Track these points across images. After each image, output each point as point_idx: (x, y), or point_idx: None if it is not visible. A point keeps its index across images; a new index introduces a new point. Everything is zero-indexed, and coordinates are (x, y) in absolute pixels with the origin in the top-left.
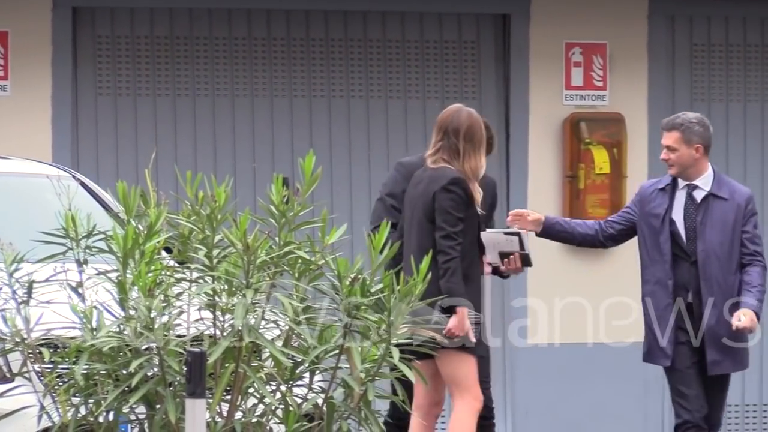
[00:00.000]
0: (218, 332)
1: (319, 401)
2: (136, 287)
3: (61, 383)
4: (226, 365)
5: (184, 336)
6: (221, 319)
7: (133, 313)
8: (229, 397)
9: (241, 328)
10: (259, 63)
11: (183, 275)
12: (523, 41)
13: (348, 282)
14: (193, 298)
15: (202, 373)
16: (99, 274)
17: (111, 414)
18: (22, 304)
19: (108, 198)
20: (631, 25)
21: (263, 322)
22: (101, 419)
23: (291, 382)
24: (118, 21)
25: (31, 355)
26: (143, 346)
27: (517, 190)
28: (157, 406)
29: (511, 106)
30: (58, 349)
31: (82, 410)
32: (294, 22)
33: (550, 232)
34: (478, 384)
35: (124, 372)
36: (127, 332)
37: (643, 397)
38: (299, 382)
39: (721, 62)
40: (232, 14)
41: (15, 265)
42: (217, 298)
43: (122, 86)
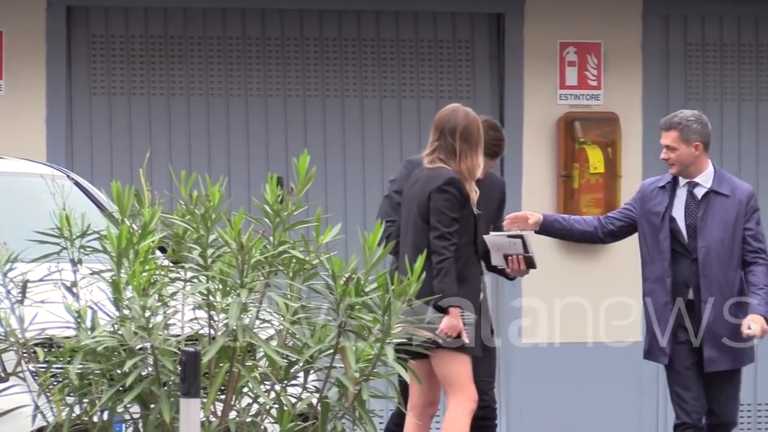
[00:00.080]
0: (213, 332)
1: (314, 401)
2: (131, 287)
3: (55, 383)
4: (221, 365)
5: (179, 335)
6: (216, 319)
7: (127, 312)
8: (223, 397)
9: (235, 328)
10: (254, 62)
11: (177, 275)
12: (517, 41)
13: (342, 281)
14: (188, 297)
15: (196, 373)
16: (93, 273)
17: (105, 413)
18: (17, 304)
19: (102, 197)
20: (626, 25)
21: (258, 322)
22: (96, 419)
23: (285, 382)
24: (113, 20)
25: (25, 355)
26: (137, 346)
27: (512, 189)
28: (152, 406)
29: (506, 105)
30: (53, 349)
31: (77, 410)
32: (288, 22)
33: (549, 230)
34: (473, 384)
35: (119, 371)
36: (121, 332)
37: (638, 397)
38: (294, 382)
39: (715, 62)
40: (226, 14)
41: (9, 264)
42: (211, 298)
43: (116, 86)
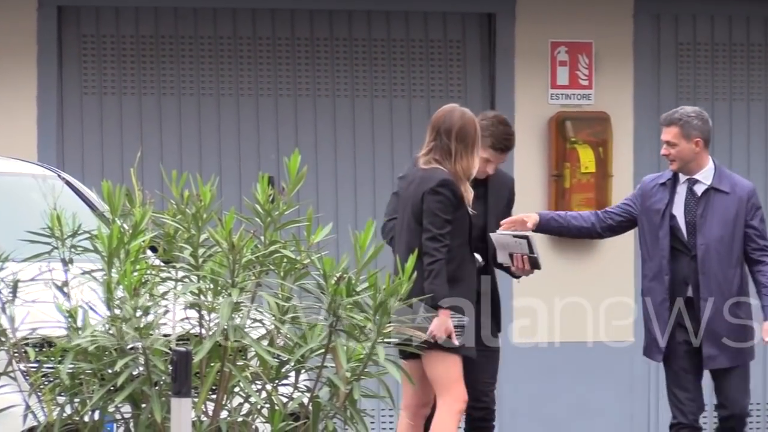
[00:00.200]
0: (204, 331)
1: (305, 400)
2: (122, 286)
3: (46, 382)
4: (212, 364)
5: (170, 335)
6: (207, 319)
7: (118, 312)
8: (214, 397)
9: (226, 328)
10: (245, 62)
11: (168, 274)
12: (508, 40)
13: (334, 281)
14: (179, 297)
15: (187, 373)
16: (84, 273)
17: (96, 413)
18: (7, 304)
19: (93, 197)
20: (617, 24)
21: (249, 322)
22: (86, 418)
23: (276, 382)
24: (104, 20)
25: (16, 355)
26: (129, 346)
27: None
28: (143, 406)
29: (497, 105)
30: (44, 349)
31: (68, 409)
32: (279, 22)
33: (546, 229)
34: (462, 384)
35: (110, 371)
36: (112, 331)
37: (629, 397)
38: (285, 382)
39: (706, 61)
40: (217, 13)
41: (0, 264)
42: (202, 298)
43: (107, 85)
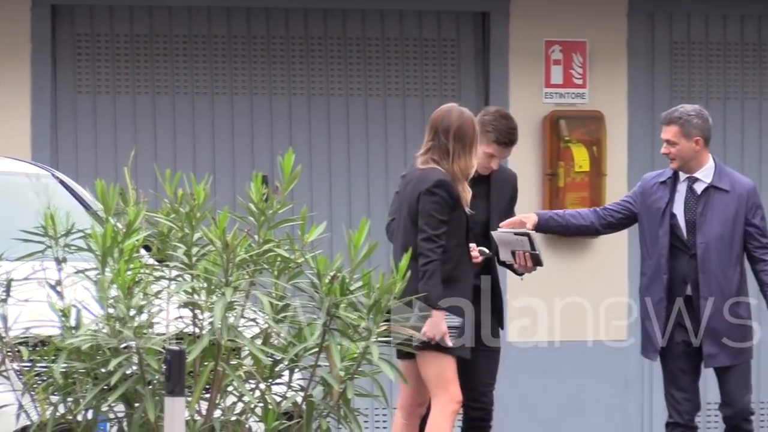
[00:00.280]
0: (197, 330)
1: (299, 399)
2: (115, 285)
3: (39, 381)
4: (205, 363)
5: (163, 334)
6: (200, 318)
7: (112, 311)
8: (208, 396)
9: (220, 327)
10: (239, 61)
11: (162, 273)
12: (502, 39)
13: (327, 280)
14: (172, 296)
15: (181, 372)
16: (78, 272)
17: (90, 412)
18: (1, 303)
19: (87, 196)
20: (611, 23)
21: (242, 320)
22: (80, 418)
23: (270, 381)
24: (98, 19)
25: (9, 354)
26: (122, 345)
27: None
28: (136, 405)
29: (491, 103)
30: (37, 348)
31: (61, 409)
32: (273, 20)
33: (545, 228)
34: (457, 385)
35: (103, 370)
36: (106, 331)
37: (623, 396)
38: (278, 381)
39: (701, 60)
40: (211, 12)
41: None
42: (196, 296)
43: (101, 84)
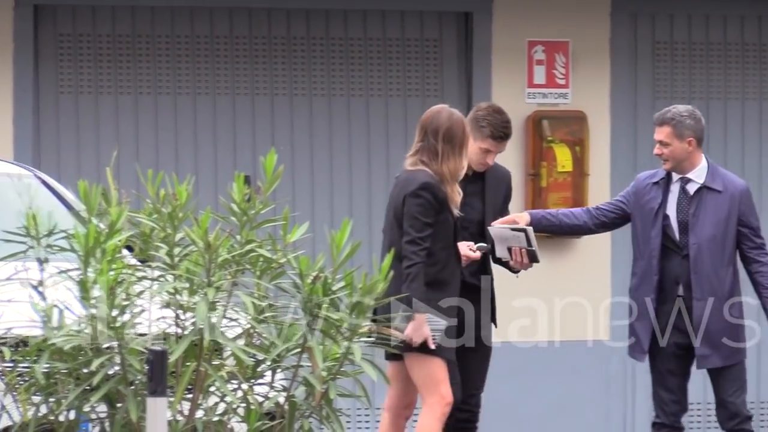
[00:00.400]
0: (180, 331)
1: (281, 400)
2: (98, 285)
3: (21, 382)
4: (188, 364)
5: (146, 334)
6: (182, 318)
7: (94, 311)
8: (190, 396)
9: (202, 327)
10: (221, 61)
11: (144, 274)
12: (485, 39)
13: (310, 280)
14: (155, 296)
15: (163, 372)
16: (60, 272)
17: (72, 413)
18: None
19: (69, 196)
20: (594, 23)
21: (225, 321)
22: (62, 418)
23: (252, 381)
24: (80, 19)
25: None
26: (104, 345)
27: None
28: (119, 405)
29: (474, 103)
30: (19, 348)
31: (43, 409)
32: (256, 21)
33: (538, 227)
34: (447, 386)
35: (85, 371)
36: (88, 331)
37: (605, 396)
38: (261, 381)
39: (683, 60)
40: (193, 12)
41: None
42: (178, 297)
43: (84, 84)
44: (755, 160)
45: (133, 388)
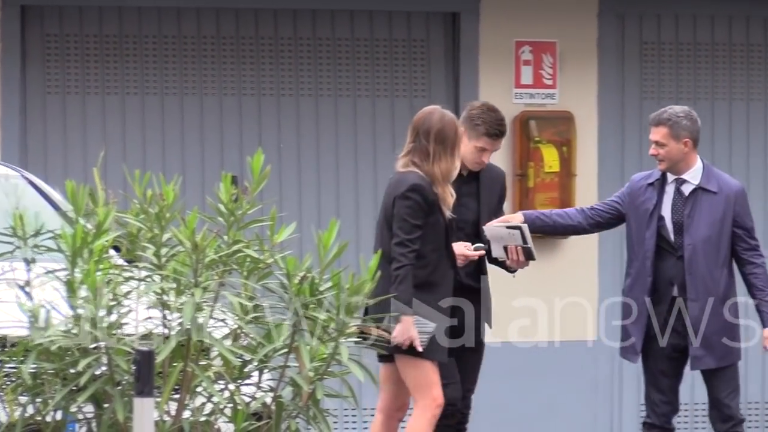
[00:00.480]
0: (167, 331)
1: (268, 400)
2: (85, 286)
3: (8, 382)
4: (175, 364)
5: (133, 335)
6: (169, 318)
7: (81, 312)
8: (177, 396)
9: (189, 327)
10: (208, 61)
11: (131, 274)
12: (472, 39)
13: (297, 280)
14: (142, 296)
15: (150, 372)
16: (47, 272)
17: (59, 413)
18: None
19: (57, 197)
20: (581, 24)
21: (212, 321)
22: (49, 418)
23: (239, 381)
24: (67, 19)
25: None
26: (91, 345)
27: None
28: (106, 406)
29: (461, 104)
30: (6, 348)
31: (30, 409)
32: (243, 21)
33: (532, 229)
34: (438, 388)
35: (72, 371)
36: (75, 331)
37: (593, 397)
38: (248, 381)
39: (671, 60)
40: (180, 13)
41: None
42: (165, 297)
43: (71, 85)
44: (742, 159)
45: (120, 388)
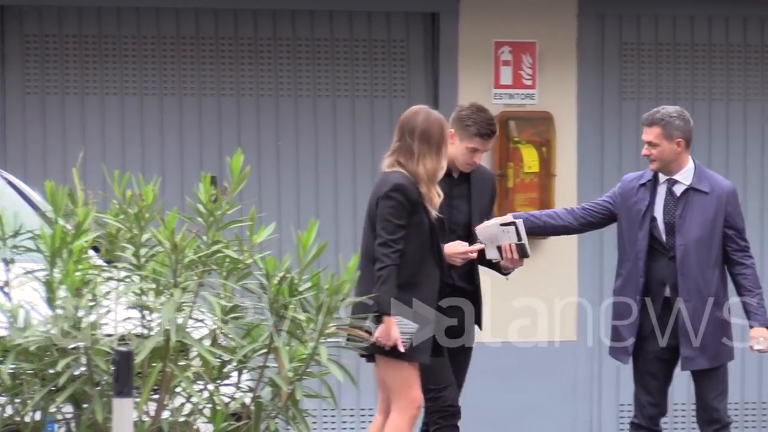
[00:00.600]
0: (146, 331)
1: (247, 400)
2: (64, 286)
3: None
4: (154, 364)
5: (112, 335)
6: (149, 318)
7: (60, 312)
8: (156, 397)
9: (168, 327)
10: (188, 62)
11: (111, 274)
12: (452, 40)
13: (276, 281)
14: (121, 297)
15: (129, 373)
16: (26, 273)
17: (38, 413)
18: None
19: (36, 197)
20: (561, 24)
21: (191, 321)
22: (28, 419)
23: (218, 381)
24: (47, 20)
25: None
26: (70, 346)
27: None
28: (85, 406)
29: (440, 104)
30: None
31: (9, 410)
32: (222, 21)
33: None
34: (417, 390)
35: (51, 371)
36: (54, 331)
37: (572, 399)
38: (227, 381)
39: (650, 61)
40: (159, 13)
41: None
42: (144, 297)
43: (50, 85)
44: (722, 158)
45: (99, 388)
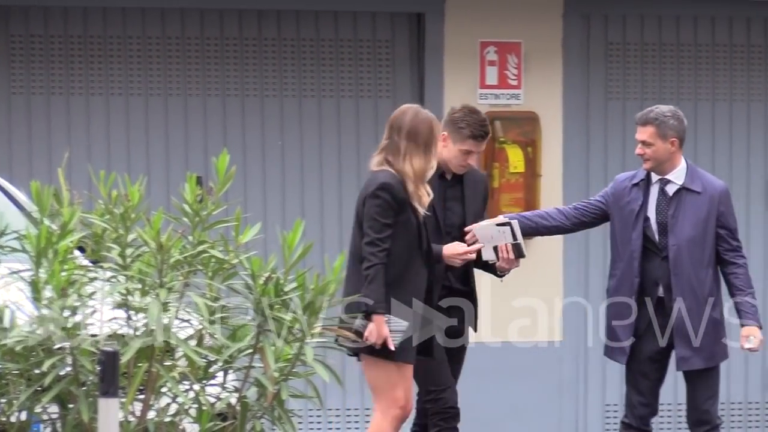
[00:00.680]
0: (131, 331)
1: (233, 400)
2: (50, 286)
3: None
4: (139, 364)
5: (98, 335)
6: (134, 319)
7: (46, 312)
8: (142, 397)
9: (154, 328)
10: (173, 62)
11: (96, 274)
12: (437, 40)
13: (262, 281)
14: (107, 297)
15: (115, 373)
16: (12, 273)
17: (23, 414)
18: None
19: (21, 197)
20: (546, 24)
21: (177, 322)
22: (13, 419)
23: (204, 382)
24: (32, 20)
25: None
26: (56, 346)
27: None
28: (70, 406)
29: (426, 104)
30: None
31: None
32: (208, 22)
33: None
34: (399, 390)
35: (37, 371)
36: (39, 331)
37: (557, 399)
38: (213, 382)
39: (636, 61)
40: (145, 14)
41: None
42: (130, 298)
43: (36, 85)
44: (708, 158)
45: (84, 388)
